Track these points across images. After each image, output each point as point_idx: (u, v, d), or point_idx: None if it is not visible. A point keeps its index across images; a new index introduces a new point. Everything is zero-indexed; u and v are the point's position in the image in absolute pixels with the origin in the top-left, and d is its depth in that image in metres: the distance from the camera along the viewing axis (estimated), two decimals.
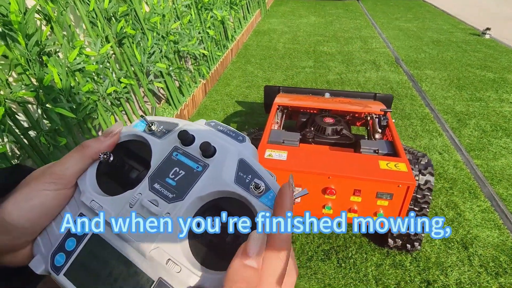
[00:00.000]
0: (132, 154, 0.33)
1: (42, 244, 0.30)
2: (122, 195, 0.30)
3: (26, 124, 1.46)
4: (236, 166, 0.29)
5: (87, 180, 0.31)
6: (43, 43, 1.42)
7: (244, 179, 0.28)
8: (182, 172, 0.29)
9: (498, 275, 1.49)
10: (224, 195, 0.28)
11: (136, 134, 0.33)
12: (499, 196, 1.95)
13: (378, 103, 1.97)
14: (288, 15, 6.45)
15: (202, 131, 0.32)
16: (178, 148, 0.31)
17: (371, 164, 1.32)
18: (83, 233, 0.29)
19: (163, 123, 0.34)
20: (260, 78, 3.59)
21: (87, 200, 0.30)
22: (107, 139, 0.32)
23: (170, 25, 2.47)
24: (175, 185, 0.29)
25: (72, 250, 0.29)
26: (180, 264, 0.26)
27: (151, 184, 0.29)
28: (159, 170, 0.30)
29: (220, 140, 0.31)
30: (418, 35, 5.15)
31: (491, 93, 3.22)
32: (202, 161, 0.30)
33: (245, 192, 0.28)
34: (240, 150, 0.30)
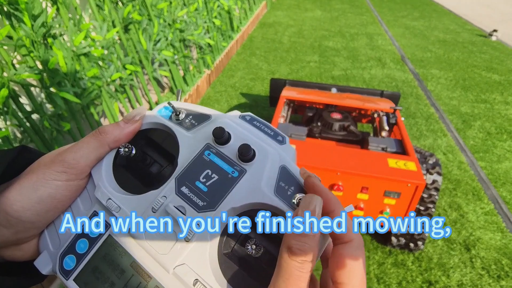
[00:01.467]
0: (154, 145, 0.30)
1: (50, 240, 0.27)
2: (143, 195, 0.26)
3: (29, 108, 1.43)
4: (277, 174, 0.25)
5: (103, 172, 0.27)
6: (49, 25, 1.38)
7: (286, 191, 0.25)
8: (215, 176, 0.25)
9: (500, 278, 1.49)
10: (261, 207, 0.25)
11: (161, 123, 0.29)
12: (502, 199, 1.94)
13: (386, 101, 1.95)
14: (294, 8, 6.37)
15: (239, 129, 0.28)
16: (211, 146, 0.27)
17: (380, 162, 1.30)
18: (98, 234, 0.26)
19: (192, 113, 0.29)
20: (264, 71, 3.55)
21: (103, 197, 0.26)
22: (128, 126, 0.28)
23: (177, 13, 2.43)
24: (206, 191, 0.25)
25: (84, 253, 0.26)
26: (209, 286, 0.23)
27: (178, 187, 0.25)
28: (188, 171, 0.26)
29: (259, 141, 0.27)
30: (424, 34, 5.10)
31: (496, 95, 3.20)
32: (239, 165, 0.26)
33: (286, 206, 0.24)
34: (281, 154, 0.27)
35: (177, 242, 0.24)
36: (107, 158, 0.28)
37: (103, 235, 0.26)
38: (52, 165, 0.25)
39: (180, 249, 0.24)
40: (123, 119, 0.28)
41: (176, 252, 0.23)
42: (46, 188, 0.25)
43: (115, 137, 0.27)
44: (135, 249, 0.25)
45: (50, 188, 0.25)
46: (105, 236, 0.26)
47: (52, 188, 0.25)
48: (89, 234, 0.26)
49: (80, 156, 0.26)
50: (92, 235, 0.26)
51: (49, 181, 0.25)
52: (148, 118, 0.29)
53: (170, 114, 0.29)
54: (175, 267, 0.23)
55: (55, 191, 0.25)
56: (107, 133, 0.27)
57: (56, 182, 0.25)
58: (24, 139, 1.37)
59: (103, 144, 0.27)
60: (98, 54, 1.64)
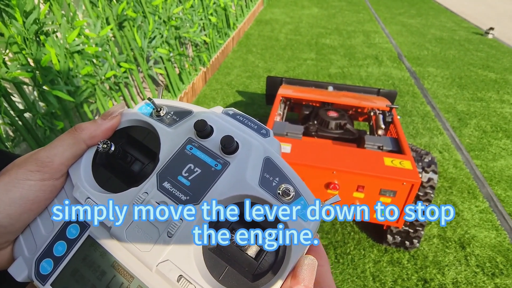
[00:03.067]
0: (135, 143, 0.29)
1: (25, 245, 0.25)
2: (124, 193, 0.25)
3: (21, 106, 1.41)
4: (261, 166, 0.25)
5: (81, 170, 0.26)
6: (41, 22, 1.36)
7: (271, 182, 0.24)
8: (197, 169, 0.25)
9: (494, 275, 1.50)
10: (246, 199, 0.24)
11: (141, 120, 0.28)
12: (497, 197, 1.95)
13: (382, 99, 1.95)
14: (291, 5, 6.34)
15: (221, 122, 0.27)
16: (193, 140, 0.26)
17: (376, 161, 1.30)
18: (75, 237, 0.25)
19: (174, 109, 0.28)
20: (261, 69, 3.54)
21: (81, 197, 0.25)
22: (106, 122, 0.27)
23: (172, 10, 2.40)
24: (189, 185, 0.24)
25: (62, 255, 0.24)
26: (194, 282, 0.22)
27: (160, 183, 0.25)
28: (169, 166, 0.25)
29: (242, 133, 0.26)
30: (421, 31, 5.10)
31: (492, 94, 3.21)
32: (222, 158, 0.25)
33: (272, 198, 0.24)
34: (265, 146, 0.26)
35: (160, 238, 0.23)
36: (85, 156, 0.27)
37: (82, 236, 0.25)
38: (25, 165, 0.24)
39: (162, 245, 0.23)
40: (101, 116, 0.27)
41: (159, 248, 0.23)
42: (18, 189, 0.23)
43: (91, 133, 0.26)
44: (116, 248, 0.24)
45: (22, 189, 0.23)
46: (84, 236, 0.24)
47: (25, 189, 0.23)
48: (67, 236, 0.25)
49: (54, 154, 0.25)
50: (70, 236, 0.25)
51: (21, 181, 0.23)
52: (128, 115, 0.28)
53: (151, 111, 0.28)
54: (157, 264, 0.22)
55: (27, 192, 0.24)
56: (83, 130, 0.26)
57: (29, 182, 0.24)
58: (17, 138, 1.36)
59: (78, 141, 0.26)
60: (92, 51, 1.62)
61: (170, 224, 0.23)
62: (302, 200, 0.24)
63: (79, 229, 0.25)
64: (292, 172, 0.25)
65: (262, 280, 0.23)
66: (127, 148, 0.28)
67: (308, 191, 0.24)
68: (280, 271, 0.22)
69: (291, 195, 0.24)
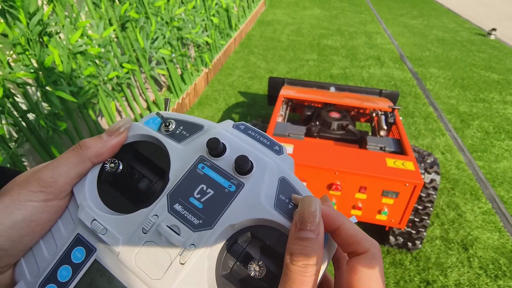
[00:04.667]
0: (142, 159, 0.27)
1: (27, 269, 0.24)
2: (133, 214, 0.24)
3: (25, 107, 1.41)
4: (277, 187, 0.24)
5: (86, 190, 0.25)
6: (45, 23, 1.36)
7: (287, 204, 0.23)
8: (210, 191, 0.24)
9: (497, 277, 1.49)
10: (261, 223, 0.23)
11: (149, 135, 0.27)
12: (500, 199, 1.94)
13: (385, 100, 1.95)
14: (292, 6, 6.35)
15: (235, 140, 0.26)
16: (205, 159, 0.25)
17: (378, 161, 1.30)
18: (81, 261, 0.23)
19: (183, 123, 0.27)
20: (263, 70, 3.54)
21: (87, 218, 0.24)
22: (112, 139, 0.26)
23: (175, 11, 2.41)
24: (201, 208, 0.23)
25: (67, 281, 0.23)
26: None
27: (171, 204, 0.23)
28: (180, 186, 0.24)
29: (255, 151, 0.25)
30: (423, 32, 5.10)
31: (495, 95, 3.20)
32: (236, 178, 0.24)
33: (287, 222, 0.23)
34: (279, 164, 0.25)
35: (172, 265, 0.22)
36: (90, 174, 0.26)
37: (88, 261, 0.24)
38: (27, 185, 0.23)
39: (175, 272, 0.22)
40: (106, 131, 0.26)
41: (171, 276, 0.22)
42: (21, 211, 0.22)
43: (97, 151, 0.25)
44: (124, 274, 0.23)
45: (25, 211, 0.22)
46: (90, 261, 0.23)
47: (28, 211, 0.22)
48: (72, 260, 0.24)
49: (58, 173, 0.24)
50: (75, 260, 0.24)
51: (23, 203, 0.22)
52: (135, 129, 0.27)
53: (159, 125, 0.27)
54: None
55: (31, 214, 0.23)
56: (88, 147, 0.25)
57: (32, 203, 0.23)
58: (20, 139, 1.36)
59: (84, 159, 0.25)
60: (95, 52, 1.63)
61: (183, 251, 0.22)
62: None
63: (85, 252, 0.24)
64: (308, 192, 0.24)
65: None
66: (134, 164, 0.27)
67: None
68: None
69: None
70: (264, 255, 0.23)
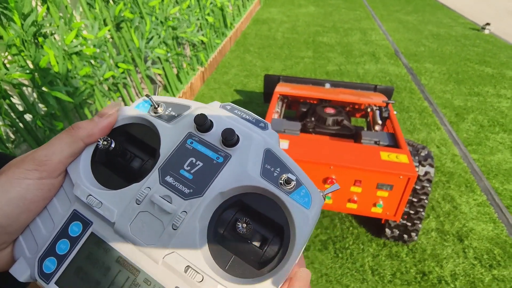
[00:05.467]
0: (134, 140, 0.29)
1: (26, 246, 0.25)
2: (126, 188, 0.25)
3: (21, 108, 1.42)
4: (262, 157, 0.26)
5: (81, 169, 0.26)
6: (39, 24, 1.37)
7: (272, 173, 0.25)
8: (199, 163, 0.25)
9: (492, 267, 1.52)
10: (249, 191, 0.25)
11: (140, 117, 0.28)
12: (494, 191, 1.97)
13: (379, 95, 1.96)
14: (287, 4, 6.36)
15: (221, 116, 0.27)
16: (193, 134, 0.26)
17: (372, 155, 1.32)
18: (78, 234, 0.25)
19: (171, 105, 0.29)
20: (258, 68, 3.55)
21: (82, 194, 0.25)
22: (103, 120, 0.27)
23: (169, 10, 2.42)
24: (191, 179, 0.25)
25: (65, 253, 0.24)
26: (201, 272, 0.22)
27: (163, 177, 0.25)
28: (171, 160, 0.25)
29: (241, 126, 0.27)
30: (417, 28, 5.12)
31: (489, 88, 3.23)
32: (223, 150, 0.26)
33: (274, 187, 0.24)
34: (265, 138, 0.27)
35: (165, 231, 0.23)
36: (84, 154, 0.27)
37: (85, 234, 0.25)
38: (22, 164, 0.24)
39: (168, 237, 0.23)
40: (98, 114, 0.28)
41: (165, 241, 0.23)
42: (16, 188, 0.23)
43: (88, 131, 0.26)
44: (120, 243, 0.24)
45: (20, 188, 0.23)
46: (87, 234, 0.25)
47: (23, 188, 0.23)
48: (70, 234, 0.25)
49: (52, 152, 0.25)
50: (73, 234, 0.25)
51: (18, 180, 0.23)
52: (126, 112, 0.28)
53: (149, 108, 0.29)
54: (164, 256, 0.23)
55: (25, 191, 0.24)
56: (80, 128, 0.26)
57: (27, 181, 0.24)
58: (17, 139, 1.37)
59: (76, 139, 0.26)
60: (90, 52, 1.63)
61: (175, 217, 0.23)
62: (304, 189, 0.24)
63: (82, 226, 0.25)
64: (293, 162, 0.26)
65: (268, 267, 0.23)
66: (126, 145, 0.28)
67: (309, 181, 0.25)
68: (284, 258, 0.23)
69: (293, 185, 0.24)
70: (253, 219, 0.24)
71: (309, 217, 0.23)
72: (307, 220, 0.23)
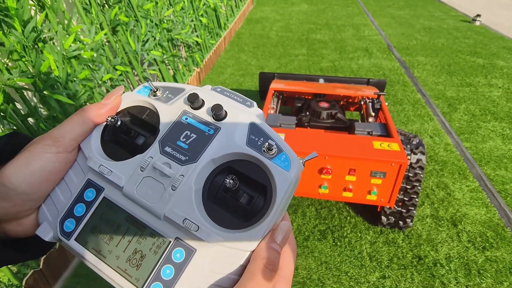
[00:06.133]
0: (137, 120, 0.33)
1: (48, 212, 0.29)
2: (132, 159, 0.29)
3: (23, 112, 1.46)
4: (248, 129, 0.30)
5: (92, 145, 0.30)
6: (39, 30, 1.42)
7: (256, 142, 0.29)
8: (193, 135, 0.29)
9: (485, 249, 1.57)
10: (237, 158, 0.29)
11: (141, 100, 0.33)
12: (487, 177, 2.02)
13: (372, 88, 2.02)
14: (280, 2, 6.41)
15: (211, 96, 0.32)
16: (188, 112, 0.31)
17: (365, 145, 1.37)
18: (92, 199, 0.29)
19: (169, 89, 0.33)
20: (253, 66, 3.60)
21: (95, 165, 0.29)
22: (109, 102, 0.31)
23: (163, 13, 2.46)
24: (187, 148, 0.29)
25: (82, 215, 0.29)
26: (197, 222, 0.26)
27: (162, 148, 0.29)
28: (169, 134, 0.30)
29: (230, 104, 0.31)
30: (410, 22, 5.18)
31: (480, 79, 3.28)
32: (214, 124, 0.30)
33: (258, 153, 0.28)
34: (250, 113, 0.31)
35: (165, 192, 0.27)
36: (94, 133, 0.31)
37: (98, 198, 0.29)
38: (42, 140, 0.28)
39: (168, 196, 0.27)
40: (104, 97, 0.32)
41: (165, 200, 0.27)
42: (37, 161, 0.27)
43: (96, 112, 0.30)
44: (128, 204, 0.28)
45: (41, 161, 0.27)
46: (100, 198, 0.29)
47: (43, 161, 0.27)
48: (85, 199, 0.29)
49: (65, 131, 0.29)
50: (88, 199, 0.29)
51: (39, 154, 0.27)
52: (129, 97, 0.33)
53: (149, 92, 0.33)
54: (165, 212, 0.27)
55: (45, 163, 0.28)
56: (89, 110, 0.30)
57: (46, 154, 0.28)
58: None
59: (86, 119, 0.30)
60: (88, 56, 1.68)
61: (174, 180, 0.28)
62: (284, 155, 0.28)
63: (95, 192, 0.29)
64: (275, 133, 0.30)
65: (253, 220, 0.27)
66: (130, 125, 0.33)
67: (289, 148, 0.29)
68: (267, 213, 0.27)
69: (274, 151, 0.28)
70: (242, 182, 0.29)
71: (288, 177, 0.28)
72: (286, 180, 0.27)
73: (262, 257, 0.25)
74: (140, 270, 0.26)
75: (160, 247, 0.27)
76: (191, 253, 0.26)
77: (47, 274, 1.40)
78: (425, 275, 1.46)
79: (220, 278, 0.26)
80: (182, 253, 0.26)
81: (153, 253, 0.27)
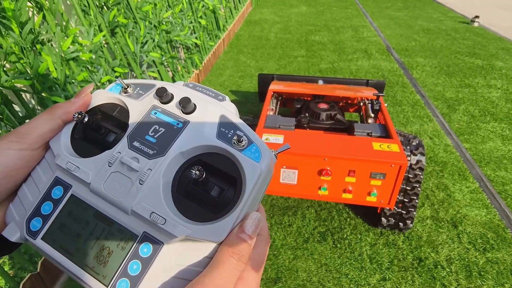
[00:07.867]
0: (108, 118, 0.32)
1: (15, 212, 0.29)
2: (100, 155, 0.29)
3: (21, 114, 1.45)
4: (218, 122, 0.29)
5: (61, 142, 0.30)
6: (36, 31, 1.41)
7: (226, 134, 0.28)
8: (162, 129, 0.29)
9: (485, 250, 1.56)
10: (207, 150, 0.28)
11: (112, 97, 0.32)
12: (487, 178, 2.02)
13: (371, 89, 2.01)
14: (279, 4, 6.42)
15: (181, 90, 0.31)
16: (157, 106, 0.30)
17: (365, 146, 1.36)
18: (60, 196, 0.28)
19: (139, 85, 0.32)
20: (253, 68, 3.60)
21: (62, 162, 0.28)
22: (78, 99, 0.31)
23: (162, 14, 2.46)
24: (155, 142, 0.28)
25: (49, 213, 0.28)
26: (164, 216, 0.26)
27: (131, 142, 0.29)
28: (137, 129, 0.29)
29: (199, 97, 0.31)
30: (408, 23, 5.19)
31: (479, 80, 3.29)
32: (182, 118, 0.29)
33: (227, 146, 0.28)
34: (221, 106, 0.30)
35: (133, 186, 0.27)
36: (64, 130, 0.30)
37: (65, 195, 0.28)
38: (6, 137, 0.28)
39: (136, 190, 0.27)
40: (75, 95, 0.31)
41: (133, 194, 0.27)
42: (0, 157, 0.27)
43: (65, 110, 0.30)
44: (96, 201, 0.28)
45: (2, 156, 0.27)
46: (68, 195, 0.28)
47: (5, 156, 0.27)
48: (53, 196, 0.28)
49: (32, 127, 0.29)
50: (55, 196, 0.28)
51: (2, 150, 0.27)
52: (100, 95, 0.32)
53: (120, 89, 0.33)
54: (132, 206, 0.26)
55: (7, 160, 0.27)
56: (58, 107, 0.30)
57: (9, 151, 0.27)
58: None
59: (54, 117, 0.29)
60: (87, 58, 1.67)
61: (141, 174, 0.27)
62: (254, 146, 0.28)
63: (63, 189, 0.29)
64: (246, 126, 0.29)
65: (223, 212, 0.27)
66: (101, 122, 0.32)
67: (260, 140, 0.29)
68: (237, 203, 0.27)
69: (244, 143, 0.28)
70: (212, 175, 0.28)
71: (258, 168, 0.27)
72: (256, 171, 0.27)
73: (229, 246, 0.25)
74: (107, 267, 0.26)
75: (128, 243, 0.26)
76: (158, 247, 0.26)
77: (45, 278, 1.39)
78: (426, 277, 1.45)
79: (187, 271, 0.26)
80: (150, 248, 0.26)
81: (121, 249, 0.26)
